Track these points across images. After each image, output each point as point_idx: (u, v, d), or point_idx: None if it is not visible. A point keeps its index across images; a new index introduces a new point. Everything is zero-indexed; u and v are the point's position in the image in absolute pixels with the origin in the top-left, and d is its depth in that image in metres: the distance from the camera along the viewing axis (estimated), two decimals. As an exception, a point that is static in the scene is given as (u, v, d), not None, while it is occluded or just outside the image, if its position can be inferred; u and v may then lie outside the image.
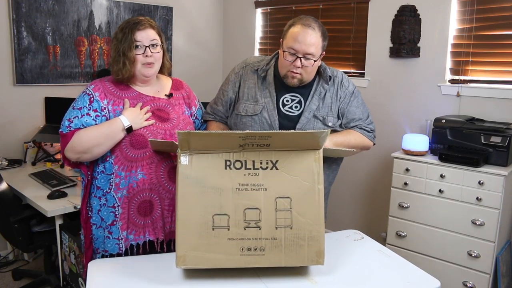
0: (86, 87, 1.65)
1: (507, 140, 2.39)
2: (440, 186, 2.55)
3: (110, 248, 1.63)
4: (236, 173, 1.31)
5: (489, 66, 2.78)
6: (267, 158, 1.33)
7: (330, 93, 1.76)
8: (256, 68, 1.79)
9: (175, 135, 1.67)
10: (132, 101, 1.65)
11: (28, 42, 3.11)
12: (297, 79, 1.69)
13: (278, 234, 1.31)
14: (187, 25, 4.06)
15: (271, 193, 1.32)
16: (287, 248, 1.31)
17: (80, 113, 1.59)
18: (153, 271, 1.40)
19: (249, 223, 1.30)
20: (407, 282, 1.35)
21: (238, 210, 1.30)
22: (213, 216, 1.29)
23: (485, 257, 2.42)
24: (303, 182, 1.33)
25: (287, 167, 1.33)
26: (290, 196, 1.32)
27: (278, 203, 1.31)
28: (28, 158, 3.14)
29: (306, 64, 1.64)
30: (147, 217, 1.64)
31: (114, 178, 1.60)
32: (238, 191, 1.31)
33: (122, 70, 1.61)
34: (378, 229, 3.25)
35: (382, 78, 3.21)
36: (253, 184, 1.31)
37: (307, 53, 1.63)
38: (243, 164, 1.32)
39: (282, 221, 1.31)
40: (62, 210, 2.33)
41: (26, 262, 3.18)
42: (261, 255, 1.31)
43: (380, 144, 3.26)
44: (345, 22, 3.41)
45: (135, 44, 1.60)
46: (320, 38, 1.67)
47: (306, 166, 1.33)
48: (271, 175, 1.32)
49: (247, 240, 1.30)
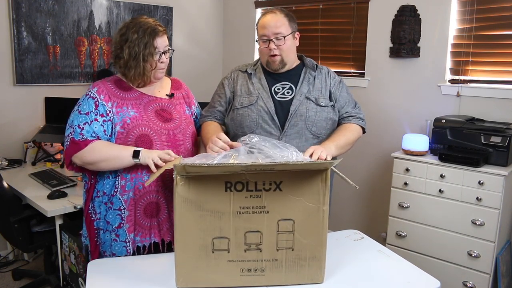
0: (89, 90, 1.63)
1: (507, 140, 2.39)
2: (440, 186, 2.55)
3: (117, 251, 1.63)
4: (237, 196, 1.25)
5: (489, 66, 2.78)
6: (270, 179, 1.26)
7: (318, 79, 1.86)
8: (244, 70, 1.91)
9: (178, 135, 1.68)
10: (133, 102, 1.65)
11: (28, 42, 3.11)
12: (278, 61, 1.80)
13: (279, 256, 1.29)
14: (187, 25, 4.06)
15: (274, 216, 1.27)
16: (287, 269, 1.29)
17: (89, 119, 1.57)
18: (153, 271, 1.40)
19: (250, 246, 1.27)
20: (407, 282, 1.35)
21: (239, 233, 1.26)
22: (213, 239, 1.26)
23: (485, 257, 2.42)
24: (308, 204, 1.28)
25: (291, 188, 1.27)
26: (293, 218, 1.28)
27: (280, 226, 1.28)
28: (28, 158, 3.13)
29: (279, 43, 1.77)
30: (154, 219, 1.64)
31: (120, 180, 1.60)
32: (239, 214, 1.26)
33: (142, 76, 1.61)
34: (378, 229, 3.25)
35: (382, 78, 3.21)
36: (254, 207, 1.26)
37: (275, 33, 1.75)
38: (244, 185, 1.25)
39: (284, 243, 1.28)
40: (62, 210, 2.33)
41: (26, 262, 3.17)
42: (261, 275, 1.29)
43: (380, 144, 3.26)
44: (345, 22, 3.41)
45: (156, 51, 1.60)
46: (284, 18, 1.78)
47: (312, 187, 1.27)
48: (274, 196, 1.26)
49: (247, 261, 1.28)
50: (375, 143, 3.28)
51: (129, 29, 1.60)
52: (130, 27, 1.60)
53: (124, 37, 1.60)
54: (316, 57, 3.54)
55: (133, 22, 1.62)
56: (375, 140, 3.27)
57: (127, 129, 1.59)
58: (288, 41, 1.77)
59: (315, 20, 3.56)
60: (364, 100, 3.30)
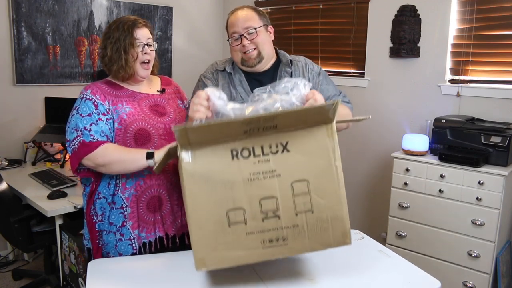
0: (82, 93, 1.63)
1: (507, 140, 2.39)
2: (440, 186, 2.55)
3: (123, 250, 1.62)
4: (245, 163, 1.20)
5: (489, 66, 2.78)
6: (276, 141, 1.21)
7: (295, 75, 1.74)
8: (223, 69, 1.76)
9: None
10: (127, 99, 1.66)
11: (28, 42, 3.11)
12: (254, 56, 1.67)
13: (299, 221, 1.22)
14: (187, 25, 4.06)
15: (286, 178, 1.21)
16: (310, 233, 1.22)
17: (93, 119, 1.57)
18: (153, 271, 1.40)
19: (267, 214, 1.21)
20: (408, 283, 1.35)
21: (253, 202, 1.20)
22: (227, 212, 1.20)
23: (485, 257, 2.42)
24: (319, 161, 1.22)
25: (299, 147, 1.22)
26: (306, 178, 1.22)
27: (295, 188, 1.21)
28: (28, 158, 3.14)
29: (251, 37, 1.65)
30: (157, 213, 1.64)
31: (121, 178, 1.61)
32: (250, 181, 1.20)
33: (124, 67, 1.62)
34: (378, 229, 3.25)
35: (382, 78, 3.21)
36: (265, 172, 1.20)
37: (245, 27, 1.64)
38: (251, 151, 1.20)
39: (302, 206, 1.22)
40: (62, 210, 2.33)
41: (26, 262, 3.18)
42: (284, 245, 1.22)
43: (380, 144, 3.26)
44: (345, 22, 3.41)
45: (136, 42, 1.62)
46: (252, 12, 1.68)
47: (320, 143, 1.22)
48: (283, 158, 1.21)
49: (267, 232, 1.21)
50: (375, 143, 3.28)
51: (111, 28, 1.65)
52: (112, 26, 1.65)
53: (107, 36, 1.65)
54: (316, 57, 3.54)
55: (115, 21, 1.67)
56: (375, 140, 3.28)
57: (125, 125, 1.60)
58: (260, 33, 1.67)
59: (315, 20, 3.56)
60: (364, 100, 3.30)
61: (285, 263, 1.44)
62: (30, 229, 2.57)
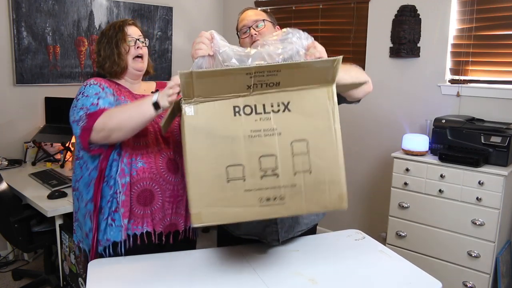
0: (85, 83, 1.63)
1: (507, 140, 2.39)
2: (440, 186, 2.55)
3: (113, 235, 1.59)
4: (247, 119, 1.22)
5: (489, 66, 2.78)
6: (278, 100, 1.23)
7: None
8: None
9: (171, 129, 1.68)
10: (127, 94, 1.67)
11: (28, 42, 3.11)
12: None
13: (297, 180, 1.23)
14: (187, 25, 4.06)
15: (286, 137, 1.23)
16: (307, 194, 1.23)
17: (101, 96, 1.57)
18: (153, 271, 1.40)
19: (266, 172, 1.21)
20: (409, 284, 1.35)
21: (253, 158, 1.21)
22: (227, 167, 1.20)
23: (485, 257, 2.42)
24: (319, 122, 1.24)
25: (300, 107, 1.23)
26: (306, 138, 1.23)
27: (294, 148, 1.23)
28: (28, 158, 3.13)
29: (259, 29, 1.72)
30: (147, 207, 1.63)
31: (120, 163, 1.60)
32: (251, 138, 1.21)
33: (117, 61, 1.65)
34: (378, 229, 3.25)
35: (382, 78, 3.21)
36: (266, 130, 1.22)
37: (255, 20, 1.73)
38: (253, 109, 1.22)
39: (300, 166, 1.23)
40: (62, 210, 2.33)
41: (26, 262, 3.17)
42: (281, 205, 1.23)
43: (380, 144, 3.26)
44: (345, 22, 3.41)
45: (127, 37, 1.67)
46: (261, 11, 1.79)
47: (320, 105, 1.24)
48: (284, 117, 1.23)
49: (265, 190, 1.21)
50: (375, 143, 3.28)
51: (103, 32, 1.72)
52: (104, 31, 1.73)
53: (99, 40, 1.72)
54: (316, 57, 3.54)
55: (107, 26, 1.74)
56: (375, 140, 3.28)
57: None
58: (268, 27, 1.73)
59: (315, 20, 3.56)
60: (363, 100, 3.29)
61: (285, 263, 1.44)
62: (30, 229, 2.57)
